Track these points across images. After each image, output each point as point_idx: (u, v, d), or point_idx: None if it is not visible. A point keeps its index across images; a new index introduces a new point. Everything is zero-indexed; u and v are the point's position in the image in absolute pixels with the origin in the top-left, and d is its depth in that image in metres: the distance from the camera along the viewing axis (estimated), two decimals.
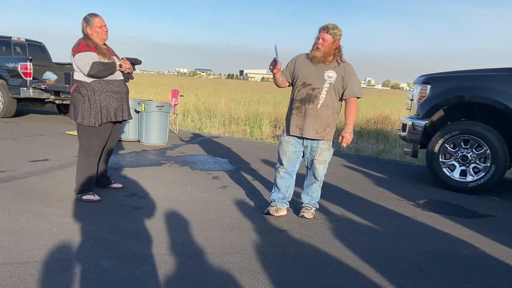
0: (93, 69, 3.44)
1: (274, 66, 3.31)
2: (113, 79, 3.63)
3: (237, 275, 2.45)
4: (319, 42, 3.29)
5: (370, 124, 10.63)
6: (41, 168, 4.73)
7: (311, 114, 3.35)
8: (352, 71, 3.38)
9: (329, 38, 3.27)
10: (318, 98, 3.33)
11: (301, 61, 3.47)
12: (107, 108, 3.61)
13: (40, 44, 10.45)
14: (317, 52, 3.30)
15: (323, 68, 3.35)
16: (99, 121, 3.57)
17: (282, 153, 3.55)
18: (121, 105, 3.73)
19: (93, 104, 3.54)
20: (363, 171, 5.91)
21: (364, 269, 2.65)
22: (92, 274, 2.35)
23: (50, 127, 8.17)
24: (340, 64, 3.36)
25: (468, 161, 4.86)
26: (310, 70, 3.38)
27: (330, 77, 3.32)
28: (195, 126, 10.05)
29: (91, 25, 3.54)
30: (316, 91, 3.34)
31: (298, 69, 3.45)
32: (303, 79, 3.39)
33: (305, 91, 3.37)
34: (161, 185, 4.37)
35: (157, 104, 6.95)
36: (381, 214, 3.90)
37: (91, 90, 3.54)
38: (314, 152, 3.46)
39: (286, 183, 3.59)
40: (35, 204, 3.49)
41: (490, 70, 4.97)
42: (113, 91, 3.63)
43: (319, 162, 3.47)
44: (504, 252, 3.09)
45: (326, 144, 3.44)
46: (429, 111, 5.11)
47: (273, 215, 3.53)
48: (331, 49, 3.31)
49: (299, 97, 3.40)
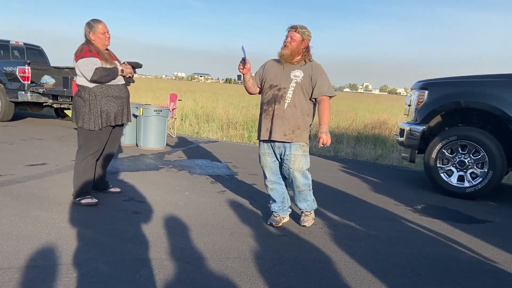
0: (96, 74, 3.49)
1: (243, 65, 3.26)
2: (114, 84, 3.67)
3: (236, 280, 2.45)
4: (287, 41, 3.25)
5: (367, 129, 10.65)
6: (39, 172, 4.72)
7: (278, 115, 3.25)
8: (320, 70, 3.30)
9: (298, 37, 3.23)
10: (284, 98, 3.25)
11: (270, 65, 3.43)
12: (108, 113, 3.65)
13: (38, 48, 10.45)
14: (285, 49, 3.25)
15: (290, 68, 3.29)
16: (99, 125, 3.61)
17: (263, 165, 3.48)
18: (121, 109, 3.77)
19: (93, 109, 3.58)
20: (361, 176, 5.92)
21: (362, 274, 2.65)
22: (90, 278, 2.35)
23: (48, 131, 8.16)
24: (307, 63, 3.30)
25: (465, 166, 4.87)
26: (277, 72, 3.33)
27: (296, 76, 3.25)
28: (193, 130, 10.05)
29: (94, 30, 3.58)
30: (282, 91, 3.26)
31: (266, 73, 3.40)
32: (270, 82, 3.34)
33: (271, 93, 3.30)
34: (159, 189, 4.37)
35: (155, 108, 6.96)
36: (379, 219, 3.90)
37: (92, 95, 3.58)
38: (288, 160, 3.29)
39: (279, 193, 3.51)
40: (33, 208, 3.48)
41: (487, 76, 5.00)
42: (115, 96, 3.67)
43: (295, 170, 3.28)
44: (502, 257, 3.10)
45: (300, 150, 3.27)
46: (427, 117, 5.14)
47: (277, 226, 3.44)
48: (299, 48, 3.25)
49: (266, 100, 3.34)
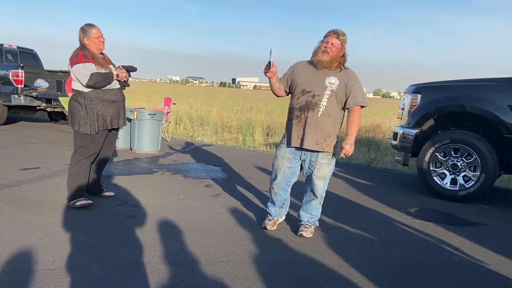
0: (91, 80, 3.50)
1: (268, 69, 3.13)
2: (110, 88, 3.68)
3: (230, 284, 2.45)
4: (328, 46, 3.09)
5: (361, 133, 10.71)
6: (33, 176, 4.70)
7: (311, 123, 3.12)
8: (355, 78, 3.19)
9: (338, 44, 3.10)
10: (318, 105, 3.12)
11: (300, 68, 3.28)
12: (104, 117, 3.66)
13: (32, 51, 10.41)
14: (325, 56, 3.10)
15: (325, 74, 3.15)
16: (95, 129, 3.63)
17: (277, 168, 3.35)
18: (117, 113, 3.79)
19: (89, 113, 3.59)
20: (355, 179, 5.95)
21: (356, 277, 2.66)
22: (84, 283, 2.34)
23: (41, 134, 8.12)
24: (343, 70, 3.18)
25: (458, 169, 4.91)
26: (309, 76, 3.19)
27: (331, 83, 3.12)
28: (187, 134, 10.04)
29: (89, 35, 3.58)
30: (316, 98, 3.12)
31: (296, 76, 3.25)
32: (302, 86, 3.19)
33: (304, 99, 3.16)
34: (154, 193, 4.36)
35: (149, 112, 6.95)
36: (372, 222, 3.92)
37: (88, 99, 3.59)
38: (312, 167, 3.24)
39: (281, 198, 3.45)
40: (26, 212, 3.46)
41: (479, 80, 5.06)
42: (110, 100, 3.68)
43: (318, 177, 3.24)
44: (494, 260, 3.12)
45: (326, 158, 3.21)
46: (420, 120, 5.18)
47: (271, 230, 3.41)
48: (338, 55, 3.13)
49: (298, 105, 3.19)
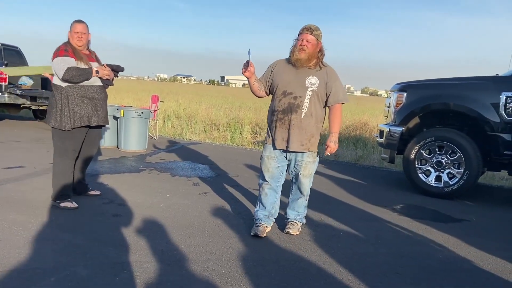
0: (67, 74, 3.47)
1: (246, 68, 3.08)
2: (88, 85, 3.63)
3: (217, 282, 2.46)
4: (304, 44, 3.05)
5: (349, 131, 10.79)
6: (17, 175, 4.63)
7: (295, 125, 3.12)
8: (335, 75, 3.18)
9: (313, 39, 3.06)
10: (301, 107, 3.11)
11: (279, 68, 3.24)
12: (80, 113, 3.61)
13: (16, 48, 10.23)
14: (302, 53, 3.06)
15: (304, 74, 3.13)
16: (70, 125, 3.57)
17: (265, 169, 3.31)
18: (95, 110, 3.71)
19: (65, 108, 3.55)
20: (342, 176, 5.99)
21: (342, 273, 2.68)
22: (68, 282, 2.31)
23: (26, 133, 8.01)
24: (322, 68, 3.16)
25: (443, 167, 4.98)
26: (290, 77, 3.16)
27: (312, 84, 3.11)
28: (175, 132, 9.99)
29: (70, 29, 3.61)
30: (298, 100, 3.12)
31: (276, 77, 3.22)
32: (283, 88, 3.17)
33: (286, 101, 3.15)
34: (141, 192, 4.33)
35: (136, 110, 6.90)
36: (359, 219, 3.96)
37: (65, 94, 3.56)
38: (298, 166, 3.26)
39: (271, 200, 3.36)
40: (10, 212, 3.41)
41: (464, 78, 5.14)
42: (87, 97, 3.64)
43: (305, 176, 3.28)
44: (477, 256, 3.18)
45: (311, 157, 3.25)
46: (406, 118, 5.24)
47: (262, 236, 3.24)
48: (315, 51, 3.09)
49: (281, 108, 3.17)
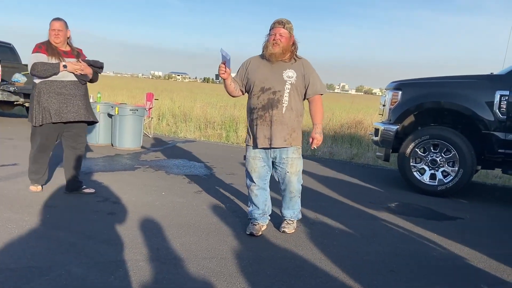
0: (33, 69, 3.56)
1: (224, 70, 3.04)
2: (58, 80, 3.65)
3: (213, 280, 2.45)
4: (277, 38, 3.04)
5: (344, 129, 10.81)
6: (10, 173, 4.59)
7: (277, 121, 3.08)
8: (311, 67, 3.19)
9: (286, 33, 3.06)
10: (281, 101, 3.08)
11: (254, 65, 3.20)
12: (48, 109, 3.64)
13: (9, 45, 10.14)
14: (276, 47, 3.04)
15: (281, 68, 3.11)
16: (39, 121, 3.64)
17: (251, 170, 3.26)
18: (65, 106, 3.69)
19: (36, 105, 3.65)
20: (337, 175, 6.00)
21: (337, 271, 2.69)
22: (63, 281, 2.30)
23: (19, 130, 7.94)
24: (297, 61, 3.15)
25: (437, 165, 5.01)
26: (265, 72, 3.12)
27: (289, 77, 3.09)
28: (170, 130, 9.97)
29: (49, 27, 3.71)
30: (277, 94, 3.08)
31: (252, 74, 3.17)
32: (261, 84, 3.12)
33: (265, 97, 3.10)
34: (135, 190, 4.32)
35: (131, 107, 6.87)
36: (354, 217, 3.97)
37: (37, 90, 3.65)
38: (284, 164, 3.18)
39: (262, 199, 3.33)
40: (4, 210, 3.39)
41: (458, 77, 5.16)
42: (56, 92, 3.66)
43: (292, 173, 3.20)
44: (471, 253, 3.20)
45: (296, 153, 3.19)
46: (401, 116, 5.25)
47: (257, 235, 3.22)
48: (289, 45, 3.09)
49: (260, 104, 3.12)
